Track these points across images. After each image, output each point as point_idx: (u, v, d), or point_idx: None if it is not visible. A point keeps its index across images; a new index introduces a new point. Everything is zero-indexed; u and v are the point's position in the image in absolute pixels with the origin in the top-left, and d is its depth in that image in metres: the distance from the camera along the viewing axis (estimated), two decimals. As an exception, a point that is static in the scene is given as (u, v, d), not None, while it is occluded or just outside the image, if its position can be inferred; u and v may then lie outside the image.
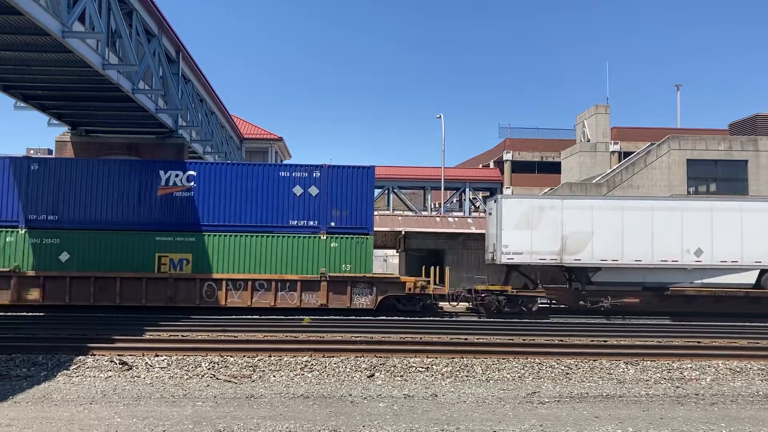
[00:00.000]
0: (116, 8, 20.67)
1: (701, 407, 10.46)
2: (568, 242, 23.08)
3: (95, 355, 13.22)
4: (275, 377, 12.03)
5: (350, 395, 10.76)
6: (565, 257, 23.16)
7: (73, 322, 18.70)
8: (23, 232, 21.56)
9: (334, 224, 22.37)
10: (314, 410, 9.78)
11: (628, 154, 42.24)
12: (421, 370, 12.66)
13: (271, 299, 21.72)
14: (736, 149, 34.92)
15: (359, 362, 12.99)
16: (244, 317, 20.53)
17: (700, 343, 16.26)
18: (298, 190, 22.40)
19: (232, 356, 13.33)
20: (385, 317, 21.54)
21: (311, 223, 22.37)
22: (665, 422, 9.47)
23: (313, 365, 12.74)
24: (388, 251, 40.88)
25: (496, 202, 24.00)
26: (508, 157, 53.42)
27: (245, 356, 13.32)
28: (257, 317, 20.70)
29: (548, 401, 10.64)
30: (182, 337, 15.79)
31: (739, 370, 13.33)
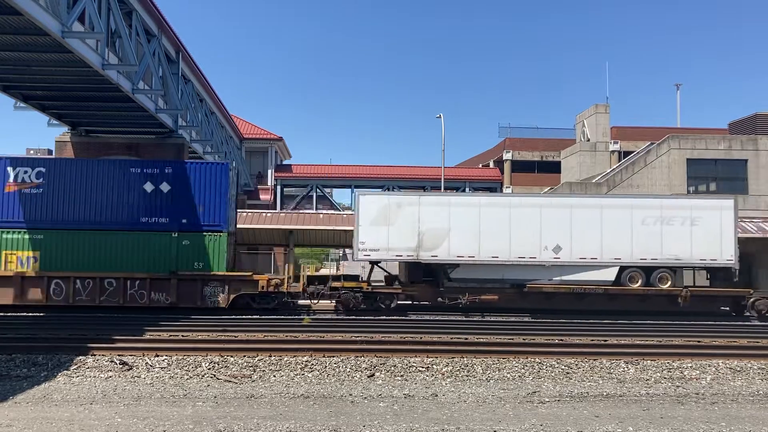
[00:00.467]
0: (116, 8, 20.67)
1: (701, 406, 10.45)
2: (425, 239, 22.73)
3: (95, 355, 13.22)
4: (275, 377, 12.03)
5: (350, 395, 10.76)
6: (421, 254, 22.79)
7: (73, 322, 18.70)
8: None
9: (186, 221, 21.99)
10: (314, 410, 9.78)
11: (628, 153, 42.21)
12: (421, 369, 12.65)
13: (120, 298, 21.33)
14: (736, 149, 34.90)
15: (359, 362, 12.99)
16: (244, 317, 20.53)
17: (700, 342, 16.26)
18: (149, 186, 22.00)
19: (232, 356, 13.32)
20: (386, 317, 21.53)
21: (162, 220, 22.00)
22: (665, 421, 9.47)
23: (313, 365, 12.74)
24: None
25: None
26: (507, 156, 53.38)
27: (245, 356, 13.32)
28: (257, 317, 20.70)
29: (548, 401, 10.64)
30: (182, 337, 15.78)
31: (739, 369, 13.33)
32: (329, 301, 23.65)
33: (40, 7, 16.52)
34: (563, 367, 13.10)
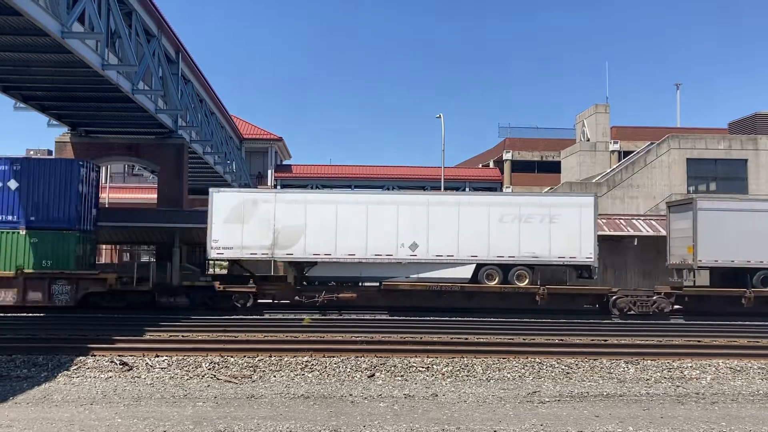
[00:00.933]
0: (116, 9, 20.66)
1: (701, 406, 10.46)
2: (280, 237, 22.27)
3: (95, 355, 13.21)
4: (276, 377, 12.03)
5: (351, 395, 10.76)
6: (276, 252, 22.34)
7: (73, 322, 18.70)
8: None
9: (34, 219, 21.55)
10: (315, 410, 9.78)
11: (627, 153, 42.20)
12: (421, 369, 12.65)
13: None
14: (735, 148, 34.92)
15: (359, 362, 12.98)
16: (244, 317, 20.53)
17: (700, 342, 16.26)
18: None
19: (232, 356, 13.32)
20: (387, 317, 21.53)
21: (10, 217, 21.54)
22: (666, 421, 9.47)
23: (313, 365, 12.74)
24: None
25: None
26: (507, 156, 53.39)
27: (246, 356, 13.32)
28: (257, 317, 20.70)
29: (549, 401, 10.64)
30: (182, 337, 15.78)
31: (739, 369, 13.33)
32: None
33: (39, 7, 16.51)
34: (563, 367, 13.09)
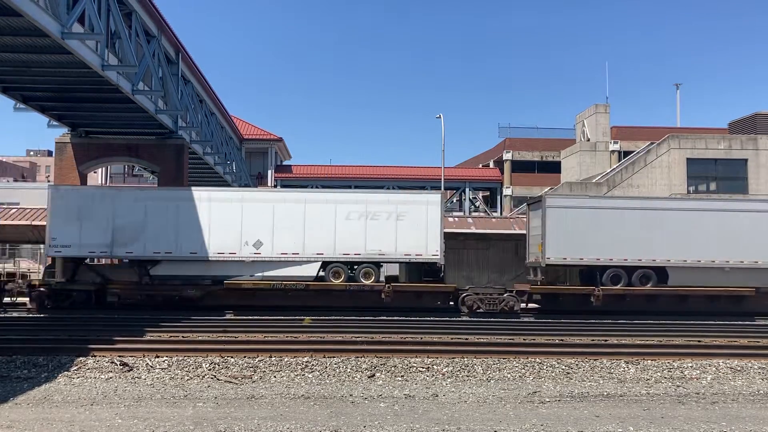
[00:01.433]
0: (115, 9, 20.68)
1: (702, 406, 10.45)
2: (119, 234, 22.09)
3: (96, 356, 13.20)
4: (276, 378, 12.03)
5: (351, 395, 10.75)
6: (116, 250, 22.21)
7: (73, 323, 18.70)
8: None
9: None
10: (315, 410, 9.78)
11: (627, 153, 42.22)
12: (421, 370, 12.65)
13: None
14: (735, 148, 34.93)
15: (360, 362, 12.97)
16: (244, 318, 20.52)
17: (700, 342, 16.25)
18: None
19: (232, 357, 13.31)
20: (385, 317, 21.50)
21: None
22: (666, 421, 9.46)
23: (313, 365, 12.73)
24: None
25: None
26: (507, 156, 53.41)
27: (246, 357, 13.30)
28: (258, 317, 20.69)
29: (549, 401, 10.63)
30: (183, 337, 15.78)
31: (739, 369, 13.31)
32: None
33: (39, 8, 16.53)
34: (564, 367, 13.08)
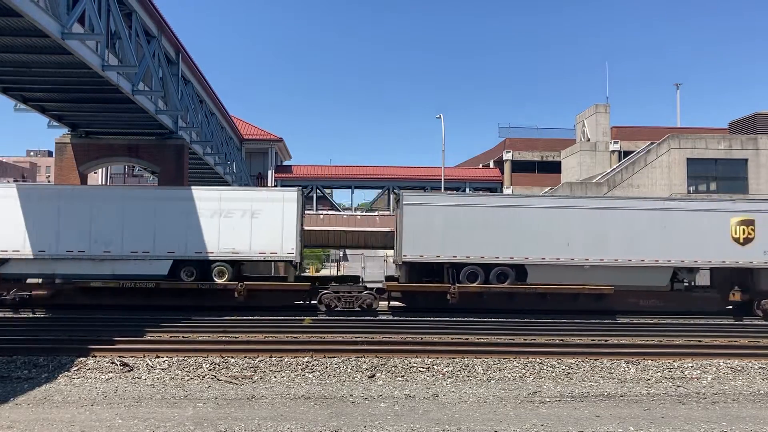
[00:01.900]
0: (116, 9, 20.66)
1: (702, 406, 10.45)
2: None
3: (96, 356, 13.21)
4: (276, 378, 12.03)
5: (351, 396, 10.76)
6: None
7: (73, 323, 18.69)
8: None
9: None
10: (315, 411, 9.78)
11: (628, 153, 42.22)
12: (422, 370, 12.65)
13: None
14: (736, 148, 34.92)
15: (360, 363, 12.98)
16: (244, 318, 20.52)
17: (701, 342, 16.25)
18: None
19: (233, 357, 13.31)
20: (385, 318, 21.50)
21: None
22: (666, 421, 9.46)
23: (314, 366, 12.73)
24: (388, 251, 40.87)
25: None
26: (508, 156, 53.39)
27: (246, 357, 13.31)
28: (258, 318, 20.68)
29: (549, 401, 10.63)
30: (183, 338, 15.78)
31: (740, 369, 13.32)
32: None
33: (39, 8, 16.51)
34: (564, 367, 13.09)
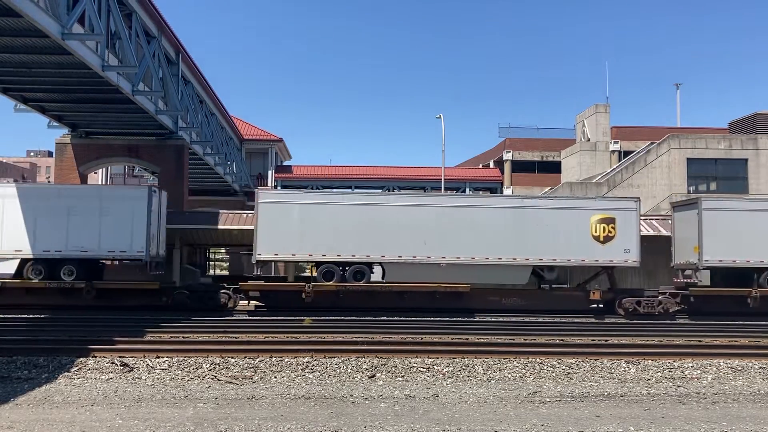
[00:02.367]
0: (116, 10, 20.67)
1: (702, 406, 10.45)
2: None
3: (96, 356, 13.20)
4: (276, 378, 12.03)
5: (351, 396, 10.75)
6: None
7: (73, 324, 18.69)
8: None
9: None
10: (315, 411, 9.78)
11: (628, 153, 42.22)
12: (422, 370, 12.64)
13: None
14: (736, 148, 34.93)
15: (360, 363, 12.97)
16: (245, 318, 20.53)
17: (701, 342, 16.25)
18: None
19: (233, 357, 13.31)
20: (386, 318, 21.50)
21: None
22: (667, 421, 9.46)
23: (314, 366, 12.73)
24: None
25: None
26: (508, 156, 53.39)
27: (246, 357, 13.30)
28: (258, 318, 20.70)
29: (550, 401, 10.63)
30: (183, 338, 15.78)
31: (740, 368, 13.31)
32: None
33: (39, 8, 16.52)
34: (564, 367, 13.08)
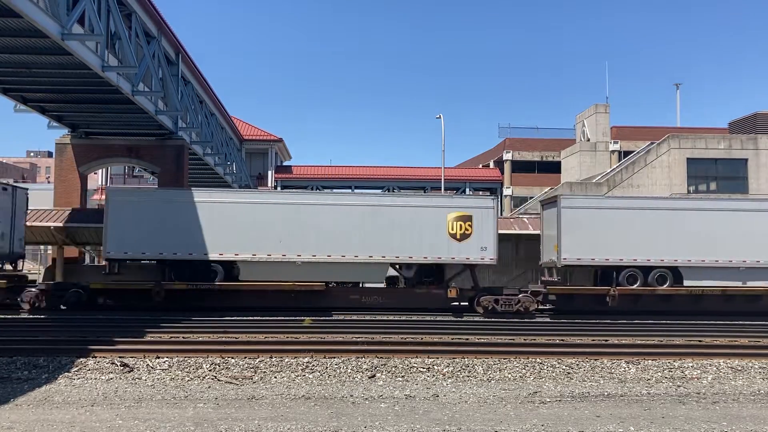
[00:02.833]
0: (115, 10, 20.67)
1: (702, 406, 10.45)
2: None
3: (96, 357, 13.20)
4: (276, 378, 12.03)
5: (351, 396, 10.75)
6: None
7: (74, 324, 18.68)
8: None
9: None
10: (316, 411, 9.77)
11: (628, 153, 42.24)
12: (422, 370, 12.64)
13: None
14: (736, 148, 34.94)
15: (360, 363, 12.97)
16: (245, 318, 20.52)
17: (701, 342, 16.25)
18: None
19: (233, 357, 13.31)
20: (386, 317, 21.49)
21: None
22: (667, 421, 9.46)
23: (314, 366, 12.73)
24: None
25: None
26: (508, 156, 53.41)
27: (246, 357, 13.31)
28: (258, 318, 20.69)
29: (550, 401, 10.63)
30: (183, 338, 15.78)
31: (740, 368, 13.31)
32: None
33: (39, 9, 16.52)
34: (564, 367, 13.08)
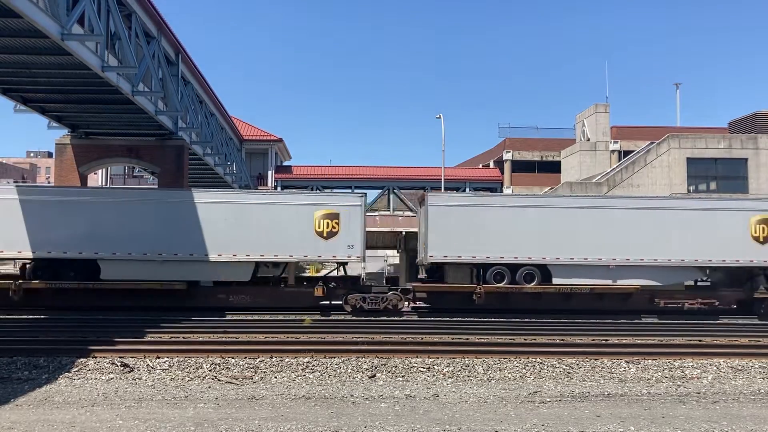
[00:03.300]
0: (115, 10, 20.68)
1: (703, 406, 10.45)
2: None
3: (96, 357, 13.20)
4: (277, 378, 12.03)
5: (352, 396, 10.75)
6: None
7: (74, 324, 18.69)
8: None
9: None
10: (316, 411, 9.78)
11: (628, 153, 42.24)
12: (422, 370, 12.65)
13: None
14: (736, 147, 34.93)
15: (360, 363, 12.97)
16: (245, 318, 20.53)
17: (701, 341, 16.25)
18: None
19: (233, 357, 13.31)
20: (386, 318, 21.51)
21: None
22: (667, 421, 9.46)
23: (314, 366, 12.73)
24: (388, 251, 40.93)
25: None
26: (508, 156, 53.40)
27: (247, 357, 13.31)
28: (258, 318, 20.70)
29: (550, 401, 10.63)
30: (183, 338, 15.78)
31: (740, 368, 13.31)
32: None
33: (39, 9, 16.53)
34: (564, 366, 13.08)
